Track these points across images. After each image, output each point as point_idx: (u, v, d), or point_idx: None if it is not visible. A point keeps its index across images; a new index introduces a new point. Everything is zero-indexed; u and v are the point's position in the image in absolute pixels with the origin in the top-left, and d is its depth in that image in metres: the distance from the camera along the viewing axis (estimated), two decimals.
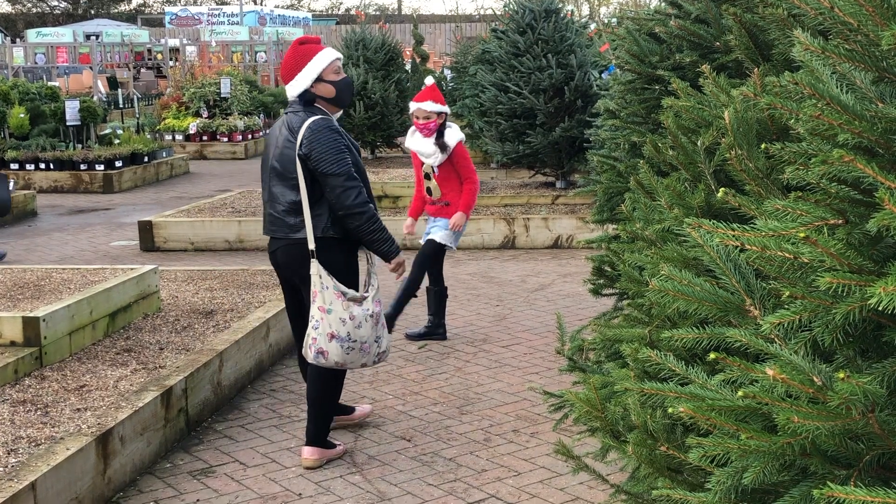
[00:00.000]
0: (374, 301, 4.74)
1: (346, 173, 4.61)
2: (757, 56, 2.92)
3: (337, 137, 4.66)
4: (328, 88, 4.77)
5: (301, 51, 4.78)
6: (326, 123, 4.68)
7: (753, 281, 1.85)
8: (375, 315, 4.73)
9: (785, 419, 1.54)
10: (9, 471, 4.02)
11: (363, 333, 4.68)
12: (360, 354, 4.71)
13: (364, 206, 4.63)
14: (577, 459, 3.03)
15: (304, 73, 4.73)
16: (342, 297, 4.65)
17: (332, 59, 4.78)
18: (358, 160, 4.80)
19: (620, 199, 3.74)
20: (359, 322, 4.67)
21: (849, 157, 1.48)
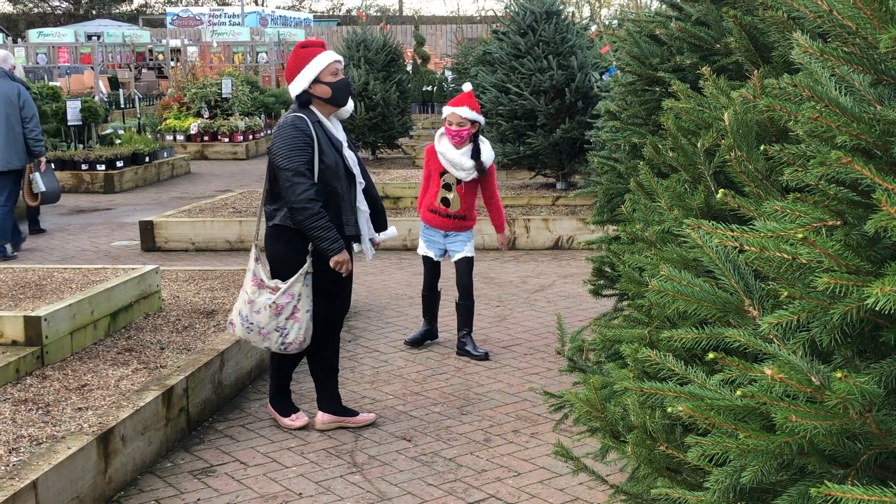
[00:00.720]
0: (285, 294, 4.96)
1: (294, 169, 4.84)
2: (757, 58, 2.93)
3: (296, 134, 4.88)
4: (324, 89, 5.00)
5: (302, 54, 5.04)
6: (292, 121, 4.93)
7: (752, 281, 1.86)
8: (278, 306, 4.95)
9: (783, 418, 1.55)
10: (10, 469, 4.03)
11: (261, 319, 4.99)
12: (260, 338, 5.03)
13: (307, 203, 4.82)
14: (576, 460, 3.04)
15: (302, 75, 4.98)
16: (258, 282, 5.03)
17: (330, 62, 5.00)
18: (337, 162, 4.96)
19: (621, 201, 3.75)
20: (258, 308, 4.99)
21: (847, 158, 1.49)
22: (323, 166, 4.91)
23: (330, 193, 4.94)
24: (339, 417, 5.28)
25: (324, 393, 5.30)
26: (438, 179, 6.47)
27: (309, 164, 4.87)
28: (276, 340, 5.01)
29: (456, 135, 6.36)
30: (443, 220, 6.49)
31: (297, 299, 4.97)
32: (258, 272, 5.04)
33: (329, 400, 5.29)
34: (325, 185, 4.93)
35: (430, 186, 6.55)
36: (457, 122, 6.35)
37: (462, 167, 6.36)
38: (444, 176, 6.46)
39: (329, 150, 4.95)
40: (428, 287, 6.71)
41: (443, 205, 6.48)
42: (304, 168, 4.85)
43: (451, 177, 6.43)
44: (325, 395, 5.29)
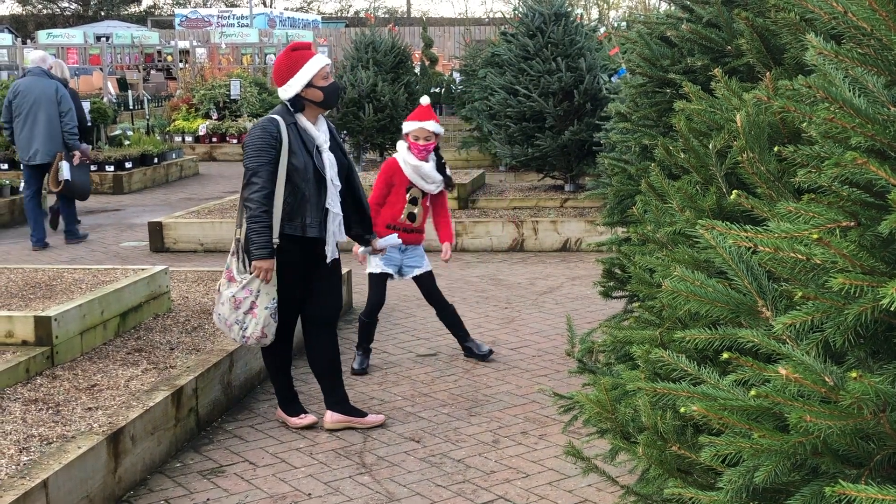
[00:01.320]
0: (244, 289, 5.05)
1: (252, 169, 4.98)
2: (768, 60, 2.93)
3: (262, 135, 5.02)
4: (317, 93, 5.10)
5: (293, 57, 5.13)
6: (263, 123, 5.09)
7: (766, 282, 1.86)
8: (237, 300, 5.05)
9: (797, 418, 1.55)
10: (21, 469, 4.05)
11: (223, 311, 5.12)
12: (227, 329, 5.15)
13: (253, 203, 4.94)
14: (586, 461, 3.04)
15: (295, 80, 5.09)
16: (229, 275, 5.13)
17: (322, 66, 5.11)
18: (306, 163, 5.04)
19: (631, 202, 3.75)
20: (223, 300, 5.11)
21: (862, 159, 1.49)
22: (291, 167, 5.01)
23: (297, 195, 5.03)
24: (347, 417, 5.29)
25: (329, 392, 5.32)
26: (403, 194, 6.27)
27: (269, 165, 4.98)
28: (237, 333, 5.10)
29: (424, 149, 6.26)
30: (405, 235, 6.25)
31: (254, 295, 5.04)
32: (231, 265, 5.13)
33: (336, 399, 5.31)
34: (293, 186, 5.02)
35: (392, 202, 6.30)
36: (424, 136, 6.26)
37: (434, 180, 6.30)
38: (410, 190, 6.29)
39: (300, 151, 5.04)
40: (373, 311, 6.33)
41: (409, 220, 6.30)
42: (262, 169, 4.96)
43: (417, 190, 6.30)
44: (332, 395, 5.32)
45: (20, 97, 10.40)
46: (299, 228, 5.06)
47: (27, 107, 10.33)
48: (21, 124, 10.37)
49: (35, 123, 10.31)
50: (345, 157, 5.32)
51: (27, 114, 10.32)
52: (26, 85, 10.47)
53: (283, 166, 5.00)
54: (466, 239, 10.38)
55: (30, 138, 10.35)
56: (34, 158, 10.39)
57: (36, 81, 10.47)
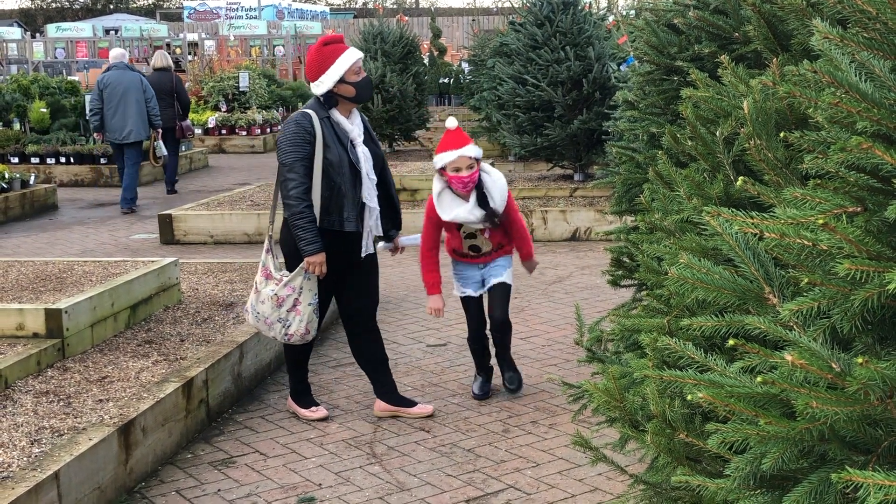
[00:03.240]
0: (286, 286, 5.04)
1: (288, 164, 4.95)
2: (776, 46, 2.92)
3: (296, 130, 4.97)
4: (349, 89, 5.04)
5: (325, 52, 5.05)
6: (296, 117, 5.03)
7: (772, 269, 1.86)
8: (280, 298, 5.04)
9: (804, 405, 1.55)
10: (32, 461, 4.07)
11: (264, 309, 5.09)
12: (266, 327, 5.13)
13: (293, 199, 4.92)
14: (595, 450, 3.04)
15: (327, 76, 5.01)
16: (266, 272, 5.12)
17: (353, 61, 5.03)
18: (342, 156, 5.00)
19: (639, 190, 3.74)
20: (263, 298, 5.10)
21: (867, 143, 1.49)
22: (326, 162, 4.96)
23: (333, 189, 4.99)
24: (394, 407, 5.32)
25: (377, 383, 5.36)
26: (458, 232, 5.47)
27: (305, 160, 4.94)
28: (279, 331, 5.09)
29: (468, 182, 5.25)
30: (478, 259, 5.54)
31: (297, 292, 5.03)
32: (267, 263, 5.13)
33: (384, 389, 5.34)
34: (328, 181, 4.98)
35: (449, 238, 5.56)
36: (466, 165, 5.23)
37: (477, 219, 5.35)
38: (462, 228, 5.45)
39: (334, 145, 4.99)
40: (476, 335, 5.60)
41: (473, 252, 5.51)
42: (298, 165, 4.92)
43: (469, 226, 5.43)
44: (380, 386, 5.35)
45: (110, 88, 12.29)
46: (336, 223, 5.02)
47: (118, 96, 12.26)
48: (113, 111, 12.30)
49: (126, 109, 12.28)
50: (379, 150, 5.26)
51: (119, 102, 12.25)
52: (114, 77, 12.35)
53: (318, 161, 4.96)
54: None
55: (123, 122, 12.32)
56: (128, 137, 12.41)
57: (122, 74, 12.40)
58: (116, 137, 12.47)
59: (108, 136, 12.63)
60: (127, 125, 12.36)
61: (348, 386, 5.84)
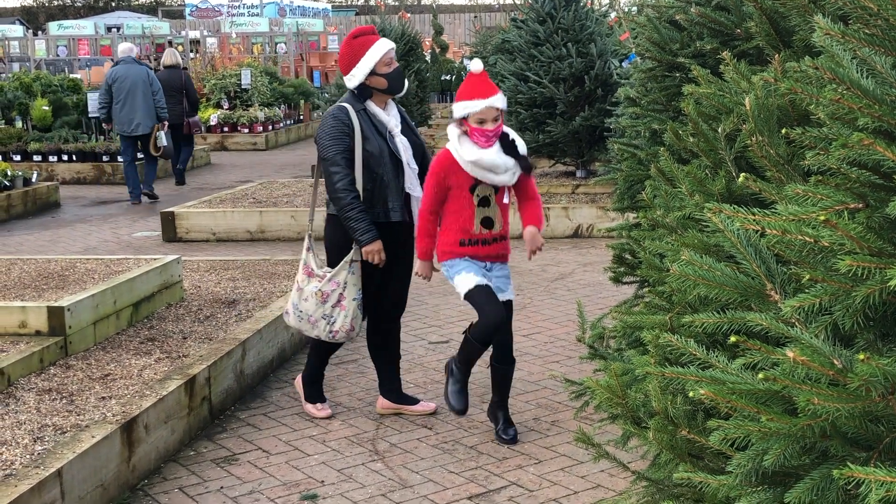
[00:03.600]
0: (331, 282, 5.01)
1: (330, 158, 4.93)
2: (778, 43, 2.91)
3: (334, 124, 4.96)
4: (380, 81, 5.01)
5: (354, 45, 5.03)
6: (333, 111, 5.02)
7: (774, 265, 1.86)
8: (324, 293, 5.00)
9: (805, 401, 1.55)
10: (35, 458, 4.07)
11: (308, 307, 5.05)
12: (310, 326, 5.09)
13: (340, 192, 4.90)
14: (597, 447, 3.04)
15: (358, 68, 4.99)
16: (308, 271, 5.08)
17: (384, 53, 4.99)
18: (382, 147, 4.98)
19: (641, 187, 3.74)
20: (306, 296, 5.06)
21: (869, 140, 1.48)
22: (366, 153, 4.94)
23: (376, 180, 4.96)
24: (397, 405, 5.32)
25: (386, 380, 5.35)
26: (469, 197, 4.76)
27: (346, 152, 4.92)
28: (323, 328, 5.04)
29: (494, 135, 4.70)
30: (486, 248, 4.80)
31: (342, 287, 5.00)
32: (308, 261, 5.10)
33: (391, 387, 5.33)
34: (370, 172, 4.95)
35: (455, 210, 4.79)
36: (492, 118, 4.67)
37: (505, 168, 4.75)
38: (476, 189, 4.77)
39: (373, 136, 4.97)
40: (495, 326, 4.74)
41: (485, 227, 4.78)
42: (340, 157, 4.91)
43: (486, 187, 4.77)
44: (388, 384, 5.34)
45: (118, 82, 12.68)
46: (382, 214, 4.98)
47: (126, 89, 12.63)
48: (122, 104, 12.68)
49: (134, 102, 12.67)
50: (418, 139, 5.21)
51: (126, 95, 12.64)
52: (122, 71, 12.77)
53: (358, 153, 4.94)
54: None
55: (131, 114, 12.69)
56: (136, 130, 12.78)
57: (129, 68, 12.81)
58: (125, 130, 12.89)
59: (117, 127, 13.09)
60: (135, 118, 12.75)
61: (350, 383, 5.85)
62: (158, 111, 12.94)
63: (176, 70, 14.48)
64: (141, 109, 12.73)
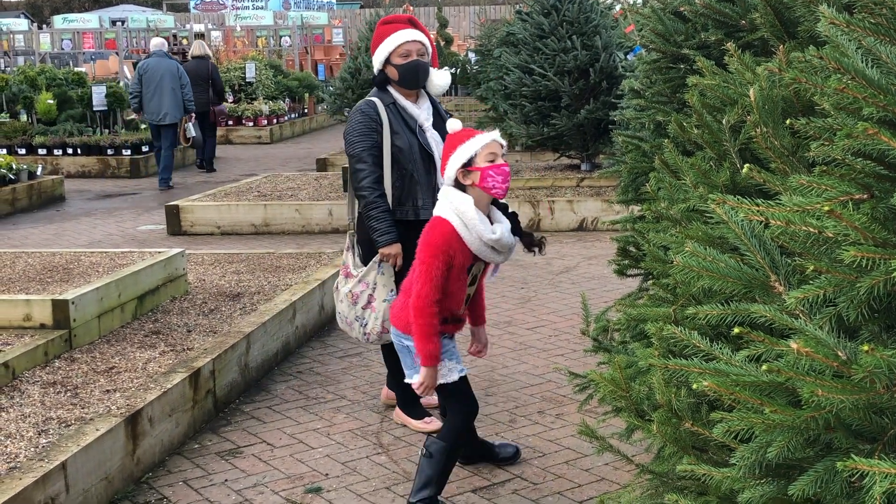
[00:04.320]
0: (361, 282, 4.82)
1: (356, 155, 4.76)
2: (782, 34, 2.90)
3: (361, 119, 4.78)
4: (393, 71, 4.84)
5: (379, 31, 4.90)
6: (360, 106, 4.85)
7: (778, 257, 1.85)
8: (354, 294, 4.82)
9: (809, 393, 1.54)
10: (39, 451, 4.08)
11: (342, 308, 4.91)
12: (348, 328, 4.93)
13: (364, 190, 4.71)
14: (601, 440, 3.03)
15: (377, 56, 4.86)
16: (346, 270, 4.93)
17: (400, 43, 4.79)
18: (412, 142, 4.78)
19: (645, 179, 3.73)
20: (341, 297, 4.91)
21: (874, 129, 1.47)
22: (395, 149, 4.77)
23: (405, 176, 4.79)
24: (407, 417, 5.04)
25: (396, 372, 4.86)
26: (465, 278, 4.07)
27: (373, 149, 4.75)
28: (358, 330, 4.85)
29: (506, 178, 3.96)
30: (460, 325, 4.26)
31: (371, 288, 4.80)
32: (347, 260, 4.93)
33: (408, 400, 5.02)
34: (400, 168, 4.77)
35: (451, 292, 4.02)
36: (500, 153, 3.99)
37: (510, 248, 4.14)
38: (472, 268, 4.11)
39: (402, 131, 4.79)
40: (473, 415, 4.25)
41: (465, 304, 4.21)
42: (366, 154, 4.73)
43: (480, 265, 4.15)
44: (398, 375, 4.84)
45: (149, 73, 13.52)
46: (411, 212, 4.78)
47: (155, 81, 13.46)
48: (151, 95, 13.51)
49: (163, 94, 13.49)
50: None
51: (156, 87, 13.47)
52: (153, 64, 13.64)
53: (386, 149, 4.76)
54: None
55: (159, 105, 13.52)
56: (164, 119, 13.60)
57: (160, 61, 13.66)
58: (153, 119, 13.71)
59: (146, 116, 13.86)
60: (163, 108, 13.55)
61: (355, 376, 5.84)
62: (186, 103, 13.74)
63: (203, 60, 15.25)
64: (169, 101, 13.51)
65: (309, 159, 16.46)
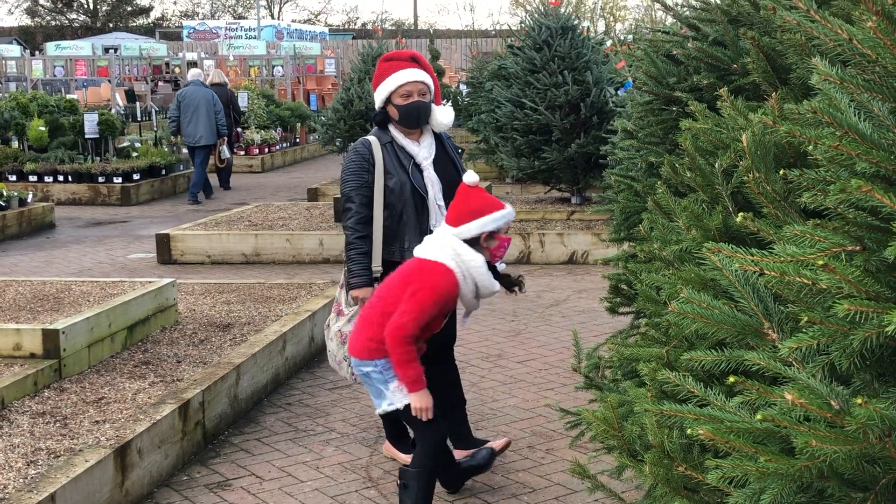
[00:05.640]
0: (350, 322, 4.69)
1: (345, 194, 4.75)
2: (774, 79, 2.94)
3: (354, 158, 4.77)
4: (393, 111, 4.80)
5: (382, 68, 4.83)
6: (356, 146, 4.83)
7: (772, 304, 1.87)
8: (343, 334, 4.70)
9: (803, 443, 1.56)
10: (28, 482, 4.06)
11: (331, 346, 4.81)
12: (336, 365, 4.82)
13: (347, 230, 4.72)
14: (592, 478, 3.04)
15: (378, 93, 4.81)
16: (338, 308, 4.84)
17: (400, 84, 4.73)
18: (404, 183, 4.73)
19: (638, 219, 3.76)
20: (331, 335, 4.82)
21: (867, 187, 1.50)
22: (387, 189, 4.72)
23: (394, 217, 4.74)
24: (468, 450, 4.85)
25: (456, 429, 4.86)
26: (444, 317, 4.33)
27: (362, 188, 4.71)
28: (346, 370, 4.74)
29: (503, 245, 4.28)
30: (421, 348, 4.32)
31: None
32: (339, 298, 4.84)
33: (460, 433, 4.90)
34: (390, 209, 4.73)
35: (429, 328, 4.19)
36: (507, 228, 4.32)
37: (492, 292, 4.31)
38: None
39: (396, 171, 4.73)
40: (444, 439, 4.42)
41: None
42: (355, 194, 4.70)
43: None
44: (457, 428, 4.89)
45: (186, 100, 15.02)
46: (398, 253, 4.71)
47: (192, 108, 14.97)
48: (188, 120, 15.01)
49: (198, 118, 14.96)
50: (456, 175, 4.78)
51: (193, 112, 14.96)
52: (190, 92, 15.11)
53: (378, 188, 4.71)
54: None
55: (195, 129, 14.99)
56: (199, 141, 15.08)
57: (197, 90, 15.10)
58: (189, 142, 15.20)
59: (184, 139, 15.39)
60: (198, 132, 15.00)
61: (344, 408, 5.84)
62: (219, 128, 15.22)
63: (222, 87, 16.59)
64: (203, 125, 14.97)
65: (300, 189, 16.48)
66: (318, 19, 60.90)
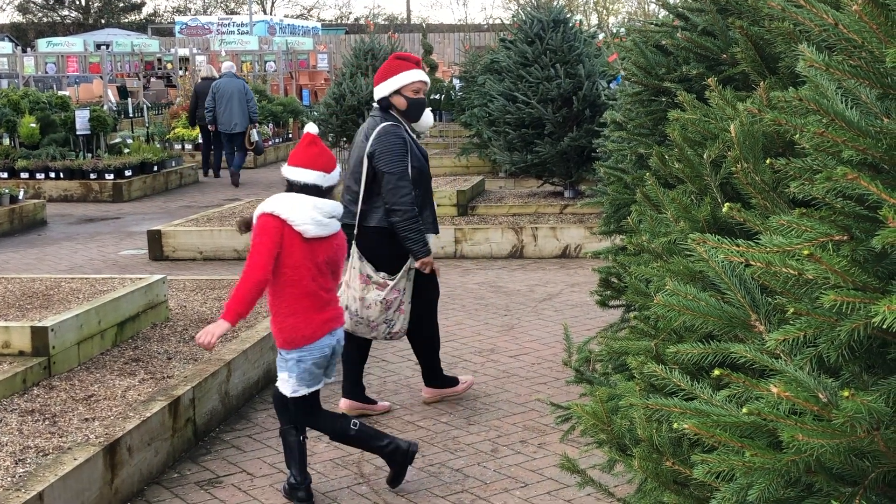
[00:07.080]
0: (393, 290, 5.35)
1: (398, 173, 5.28)
2: (763, 69, 2.92)
3: (398, 141, 5.32)
4: (401, 101, 5.42)
5: (394, 63, 5.46)
6: (394, 129, 5.37)
7: (759, 296, 1.84)
8: (388, 301, 5.35)
9: (790, 437, 1.53)
10: (17, 481, 4.03)
11: (371, 314, 5.36)
12: (368, 329, 5.42)
13: (406, 206, 5.28)
14: (582, 473, 3.02)
15: (388, 83, 5.41)
16: (366, 279, 5.34)
17: (414, 80, 5.41)
18: (422, 166, 5.46)
19: (627, 211, 3.73)
20: (368, 304, 5.34)
21: (853, 174, 1.48)
22: (414, 171, 5.36)
23: (419, 194, 5.38)
24: (440, 390, 5.77)
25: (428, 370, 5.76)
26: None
27: (409, 170, 5.33)
28: (383, 331, 5.42)
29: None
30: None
31: (403, 293, 5.39)
32: (364, 269, 5.36)
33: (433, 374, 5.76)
34: (416, 188, 5.35)
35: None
36: None
37: None
38: None
39: (417, 154, 5.41)
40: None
41: None
42: (405, 174, 5.30)
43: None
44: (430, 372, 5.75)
45: (220, 91, 16.21)
46: (431, 227, 5.52)
47: (226, 97, 16.19)
48: (223, 109, 16.23)
49: (232, 107, 16.24)
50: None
51: (227, 102, 16.19)
52: (224, 83, 16.30)
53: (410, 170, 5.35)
54: (466, 246, 10.37)
55: (231, 117, 16.26)
56: (235, 129, 16.35)
57: (230, 81, 16.36)
58: (226, 129, 16.38)
59: (220, 127, 16.41)
60: (233, 119, 16.28)
61: (335, 405, 5.81)
62: (251, 114, 16.50)
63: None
64: (238, 113, 16.26)
65: None
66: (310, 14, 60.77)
